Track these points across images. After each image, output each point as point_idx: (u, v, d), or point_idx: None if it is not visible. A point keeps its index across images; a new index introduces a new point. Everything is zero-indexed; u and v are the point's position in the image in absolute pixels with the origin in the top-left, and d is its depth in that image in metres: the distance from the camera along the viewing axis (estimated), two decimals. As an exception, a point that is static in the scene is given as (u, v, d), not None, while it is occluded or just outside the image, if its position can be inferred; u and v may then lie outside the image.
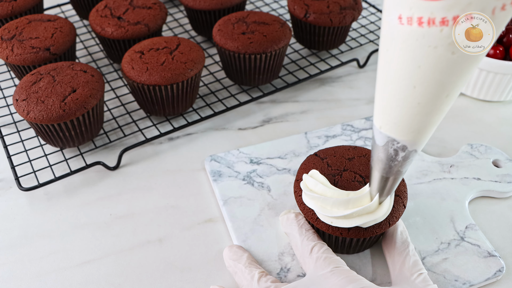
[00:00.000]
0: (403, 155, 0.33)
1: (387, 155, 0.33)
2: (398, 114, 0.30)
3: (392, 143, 0.32)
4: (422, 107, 0.29)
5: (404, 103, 0.30)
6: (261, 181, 0.50)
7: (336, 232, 0.40)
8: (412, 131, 0.31)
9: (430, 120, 0.30)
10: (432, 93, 0.28)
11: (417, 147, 0.32)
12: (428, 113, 0.30)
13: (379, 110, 0.32)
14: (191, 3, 0.65)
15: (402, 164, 0.34)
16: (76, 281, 0.43)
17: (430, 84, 0.28)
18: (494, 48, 0.57)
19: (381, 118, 0.32)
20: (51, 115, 0.48)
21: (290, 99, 0.63)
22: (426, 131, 0.31)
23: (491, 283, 0.42)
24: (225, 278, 0.43)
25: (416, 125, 0.30)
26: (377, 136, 0.33)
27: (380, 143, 0.33)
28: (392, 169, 0.34)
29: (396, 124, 0.31)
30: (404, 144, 0.32)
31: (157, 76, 0.52)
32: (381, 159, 0.34)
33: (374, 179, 0.36)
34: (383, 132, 0.32)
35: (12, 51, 0.55)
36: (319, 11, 0.62)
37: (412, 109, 0.30)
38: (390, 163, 0.34)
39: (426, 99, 0.29)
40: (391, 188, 0.36)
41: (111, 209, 0.49)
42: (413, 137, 0.31)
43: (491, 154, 0.53)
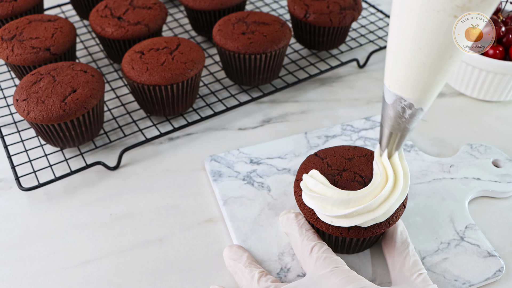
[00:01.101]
0: (410, 113, 0.35)
1: (395, 113, 0.36)
2: (406, 73, 0.33)
3: (400, 101, 0.35)
4: (427, 67, 0.32)
5: (411, 63, 0.32)
6: (261, 181, 0.50)
7: (336, 232, 0.40)
8: (418, 90, 0.33)
9: (435, 80, 0.33)
10: (436, 54, 0.31)
11: (423, 105, 0.35)
12: (432, 72, 0.32)
13: (389, 70, 0.34)
14: (191, 3, 0.65)
15: (409, 121, 0.36)
16: (76, 281, 0.43)
17: (434, 45, 0.30)
18: (494, 48, 0.57)
19: (390, 78, 0.35)
20: (51, 115, 0.48)
21: (290, 99, 0.63)
22: (431, 90, 0.33)
23: (491, 283, 0.42)
24: (225, 278, 0.43)
25: (422, 84, 0.33)
26: (386, 94, 0.36)
27: (389, 101, 0.36)
28: (400, 125, 0.37)
29: (404, 83, 0.34)
30: (410, 102, 0.34)
31: (157, 76, 0.52)
32: (390, 116, 0.37)
33: (384, 136, 0.39)
34: (392, 91, 0.35)
35: (12, 51, 0.55)
36: (319, 11, 0.62)
37: (418, 68, 0.32)
38: (398, 120, 0.36)
39: (430, 59, 0.31)
40: (399, 144, 0.39)
41: (111, 209, 0.49)
42: (419, 95, 0.34)
43: (491, 154, 0.53)
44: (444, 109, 0.61)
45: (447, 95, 0.63)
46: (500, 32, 0.56)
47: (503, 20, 0.58)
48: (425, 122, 0.59)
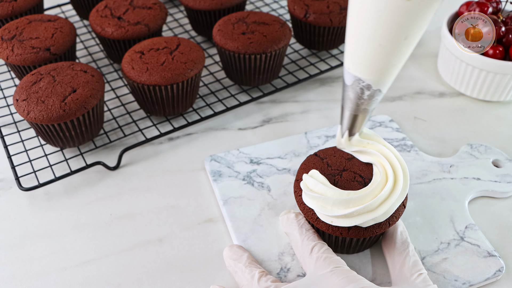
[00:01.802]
0: (368, 94, 0.36)
1: (354, 94, 0.37)
2: (363, 55, 0.34)
3: (358, 82, 0.36)
4: (383, 48, 0.33)
5: (368, 44, 0.33)
6: (261, 181, 0.50)
7: (336, 232, 0.40)
8: (376, 71, 0.34)
9: (391, 61, 0.34)
10: (391, 35, 0.32)
11: (381, 86, 0.36)
12: (388, 53, 0.33)
13: (348, 52, 0.35)
14: (191, 3, 0.65)
15: (368, 102, 0.37)
16: (76, 281, 0.43)
17: (389, 27, 0.31)
18: (494, 48, 0.57)
19: (349, 59, 0.36)
20: (51, 115, 0.48)
21: (290, 99, 0.63)
22: (388, 71, 0.34)
23: (491, 283, 0.42)
24: (225, 278, 0.43)
25: (379, 65, 0.34)
26: (346, 76, 0.37)
27: (348, 82, 0.37)
28: (360, 107, 0.38)
29: (361, 64, 0.35)
30: (369, 83, 0.35)
31: (157, 76, 0.52)
32: (349, 97, 0.37)
33: (344, 117, 0.40)
34: (351, 72, 0.36)
35: (12, 51, 0.55)
36: (319, 11, 0.62)
37: (374, 50, 0.33)
38: (357, 101, 0.37)
39: (386, 40, 0.32)
40: (359, 125, 0.40)
41: (111, 209, 0.49)
42: (376, 76, 0.35)
43: (491, 154, 0.53)
44: (444, 109, 0.61)
45: (447, 95, 0.63)
46: (500, 32, 0.56)
47: (503, 20, 0.58)
48: (425, 122, 0.59)
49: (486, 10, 0.59)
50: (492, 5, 0.60)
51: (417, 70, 0.67)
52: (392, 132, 0.56)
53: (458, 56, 0.59)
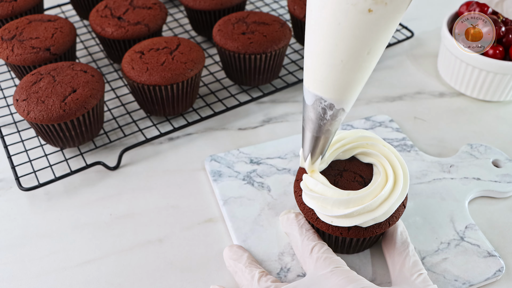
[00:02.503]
0: (331, 114, 0.34)
1: (316, 114, 0.35)
2: (323, 72, 0.32)
3: (320, 102, 0.34)
4: (344, 64, 0.30)
5: (328, 61, 0.31)
6: (261, 181, 0.50)
7: (336, 232, 0.40)
8: (338, 89, 0.32)
9: (354, 78, 0.31)
10: (353, 50, 0.30)
11: (344, 105, 0.34)
12: (351, 70, 0.31)
13: (307, 70, 0.33)
14: (191, 3, 0.65)
15: (331, 123, 0.35)
16: (76, 281, 0.43)
17: (350, 41, 0.29)
18: (494, 48, 0.57)
19: (309, 77, 0.33)
20: (51, 115, 0.48)
21: (290, 99, 0.63)
22: (351, 89, 0.32)
23: (491, 283, 0.42)
24: (225, 278, 0.43)
25: (341, 83, 0.32)
26: (306, 95, 0.34)
27: (309, 102, 0.34)
28: (322, 128, 0.35)
29: (322, 82, 0.32)
30: (331, 102, 0.33)
31: (157, 76, 0.52)
32: (311, 118, 0.35)
33: (306, 140, 0.37)
34: (311, 91, 0.33)
35: (12, 51, 0.55)
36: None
37: (335, 66, 0.31)
38: (319, 122, 0.35)
39: (348, 56, 0.30)
40: (322, 148, 0.37)
41: (111, 209, 0.49)
42: (339, 95, 0.33)
43: (491, 154, 0.53)
44: (444, 109, 0.61)
45: (447, 95, 0.63)
46: (500, 32, 0.56)
47: (503, 20, 0.58)
48: (425, 122, 0.59)
49: (486, 10, 0.59)
50: (492, 5, 0.60)
51: (417, 70, 0.67)
52: (392, 132, 0.56)
53: (458, 56, 0.59)
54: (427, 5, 0.81)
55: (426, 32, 0.75)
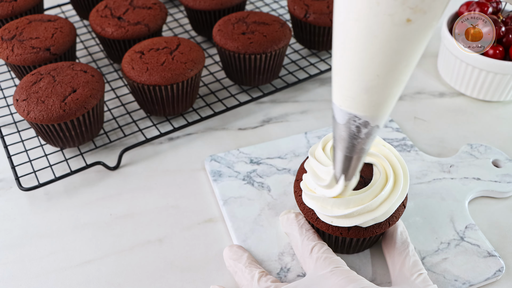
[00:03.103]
0: (366, 132, 0.32)
1: (349, 133, 0.32)
2: (357, 88, 0.29)
3: (353, 120, 0.31)
4: (381, 79, 0.28)
5: (363, 77, 0.29)
6: (261, 181, 0.50)
7: (336, 232, 0.40)
8: (373, 105, 0.30)
9: (390, 92, 0.29)
10: (390, 64, 0.28)
11: (379, 122, 0.31)
12: (387, 85, 0.29)
13: (338, 87, 0.31)
14: (191, 3, 0.65)
15: (365, 142, 0.33)
16: (76, 281, 0.43)
17: (387, 54, 0.27)
18: (494, 48, 0.57)
19: (340, 95, 0.31)
20: (51, 115, 0.48)
21: (290, 99, 0.63)
22: (387, 104, 0.30)
23: (491, 283, 0.42)
24: (225, 278, 0.43)
25: (377, 99, 0.30)
26: (337, 113, 0.32)
27: (341, 121, 0.32)
28: (356, 147, 0.33)
29: (355, 99, 0.30)
30: (366, 120, 0.31)
31: (157, 76, 0.52)
32: (343, 137, 0.33)
33: (337, 160, 0.35)
34: (344, 109, 0.31)
35: (12, 51, 0.55)
36: (319, 11, 0.62)
37: (371, 82, 0.29)
38: (353, 141, 0.33)
39: (385, 70, 0.28)
40: (355, 168, 0.35)
41: (111, 209, 0.49)
42: (374, 111, 0.30)
43: (491, 154, 0.53)
44: (444, 109, 0.61)
45: (447, 95, 0.63)
46: (500, 32, 0.56)
47: (503, 20, 0.58)
48: (425, 122, 0.59)
49: (486, 10, 0.59)
50: (492, 5, 0.60)
51: (417, 70, 0.67)
52: (392, 132, 0.56)
53: (458, 56, 0.59)
54: (427, 5, 0.81)
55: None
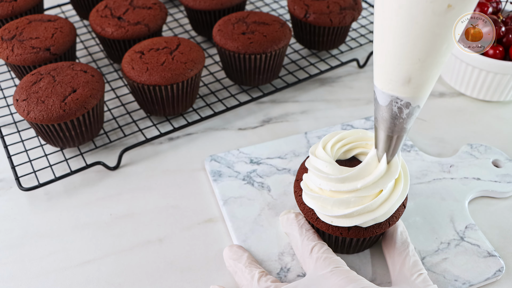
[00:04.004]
0: (407, 112, 0.34)
1: (391, 114, 0.34)
2: (400, 72, 0.31)
3: (395, 102, 0.33)
4: (422, 62, 0.30)
5: (405, 61, 0.30)
6: (261, 181, 0.50)
7: (336, 232, 0.40)
8: (415, 87, 0.32)
9: (431, 74, 0.31)
10: (432, 48, 0.29)
11: (420, 102, 0.33)
12: (429, 67, 0.30)
13: (380, 71, 0.33)
14: (191, 3, 0.65)
15: (407, 121, 0.34)
16: (76, 281, 0.43)
17: (429, 39, 0.29)
18: (494, 48, 0.57)
19: (383, 78, 0.33)
20: (51, 115, 0.48)
21: (290, 99, 0.63)
22: (428, 85, 0.32)
23: (491, 283, 0.42)
24: (225, 278, 0.43)
25: (418, 81, 0.31)
26: (379, 96, 0.34)
27: (383, 103, 0.34)
28: (397, 126, 0.35)
29: (398, 82, 0.32)
30: (407, 101, 0.33)
31: (157, 76, 0.52)
32: (385, 118, 0.35)
33: (380, 140, 0.37)
34: (386, 92, 0.33)
35: (12, 51, 0.55)
36: (319, 11, 0.62)
37: (413, 65, 0.30)
38: (394, 121, 0.34)
39: (426, 54, 0.29)
40: (397, 146, 0.37)
41: (111, 209, 0.49)
42: (416, 93, 0.32)
43: (491, 154, 0.53)
44: (444, 109, 0.61)
45: (447, 95, 0.63)
46: (500, 32, 0.56)
47: (503, 20, 0.58)
48: (425, 122, 0.59)
49: (486, 10, 0.59)
50: (492, 5, 0.60)
51: (417, 70, 0.67)
52: (392, 132, 0.56)
53: (458, 56, 0.59)
54: (427, 5, 0.81)
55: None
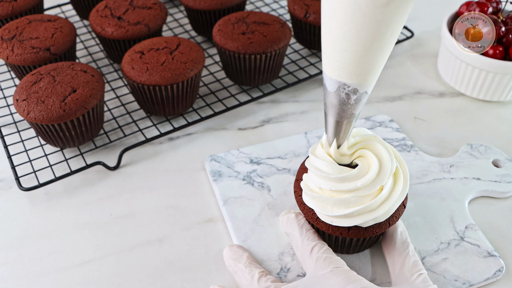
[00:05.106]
0: (355, 98, 0.34)
1: (339, 100, 0.34)
2: (346, 58, 0.31)
3: (343, 88, 0.33)
4: (367, 49, 0.30)
5: (351, 47, 0.31)
6: (261, 181, 0.50)
7: (336, 232, 0.40)
8: (361, 73, 0.32)
9: (377, 61, 0.32)
10: (376, 35, 0.30)
11: (367, 88, 0.34)
12: (374, 54, 0.31)
13: (327, 57, 0.33)
14: (191, 3, 0.65)
15: (355, 107, 0.35)
16: (76, 281, 0.43)
17: (373, 26, 0.29)
18: (494, 48, 0.57)
19: (330, 64, 0.33)
20: (51, 115, 0.48)
21: (290, 99, 0.63)
22: (374, 71, 0.32)
23: (491, 283, 0.42)
24: (225, 278, 0.43)
25: (365, 67, 0.32)
26: (327, 82, 0.34)
27: (331, 89, 0.34)
28: (346, 112, 0.35)
29: (345, 69, 0.32)
30: (354, 87, 0.33)
31: (157, 76, 0.52)
32: (334, 104, 0.35)
33: (329, 125, 0.37)
34: (334, 78, 0.33)
35: (12, 51, 0.55)
36: (319, 11, 0.62)
37: (358, 52, 0.31)
38: (343, 107, 0.35)
39: (371, 41, 0.30)
40: (346, 131, 0.37)
41: (111, 209, 0.49)
42: (363, 79, 0.33)
43: (491, 154, 0.53)
44: (444, 109, 0.61)
45: (447, 95, 0.63)
46: (500, 32, 0.56)
47: (503, 20, 0.58)
48: (425, 122, 0.59)
49: (486, 10, 0.59)
50: (492, 5, 0.60)
51: (417, 70, 0.67)
52: (392, 132, 0.56)
53: (458, 56, 0.59)
54: (427, 5, 0.81)
55: (426, 32, 0.75)
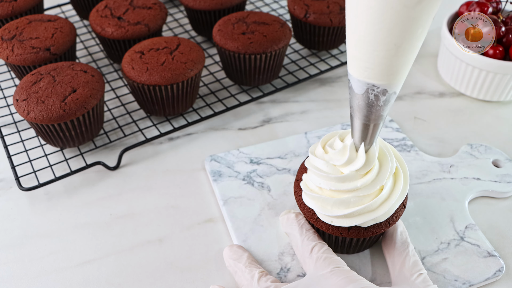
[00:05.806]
0: (384, 99, 0.33)
1: (367, 102, 0.33)
2: (376, 58, 0.31)
3: (372, 89, 0.32)
4: (398, 48, 0.30)
5: (381, 47, 0.30)
6: (261, 181, 0.50)
7: (336, 232, 0.40)
8: (391, 73, 0.31)
9: (407, 59, 0.31)
10: (407, 32, 0.29)
11: (396, 88, 0.33)
12: (405, 52, 0.30)
13: (355, 59, 0.32)
14: (191, 3, 0.65)
15: (383, 108, 0.34)
16: (76, 281, 0.43)
17: (405, 24, 0.28)
18: (494, 48, 0.57)
19: (358, 66, 0.32)
20: (51, 115, 0.48)
21: (290, 99, 0.63)
22: (404, 70, 0.32)
23: (491, 283, 0.42)
24: (225, 278, 0.43)
25: (395, 67, 0.31)
26: (355, 84, 0.33)
27: (359, 91, 0.33)
28: (374, 114, 0.34)
29: (375, 69, 0.31)
30: (384, 88, 0.32)
31: (157, 76, 0.52)
32: (361, 106, 0.34)
33: (356, 129, 0.36)
34: (362, 80, 0.32)
35: (12, 51, 0.55)
36: (319, 11, 0.62)
37: (389, 51, 0.30)
38: (371, 109, 0.34)
39: (402, 39, 0.29)
40: (374, 134, 0.36)
41: (111, 209, 0.49)
42: (392, 78, 0.32)
43: (491, 154, 0.53)
44: (444, 109, 0.61)
45: (447, 95, 0.63)
46: (500, 32, 0.56)
47: (503, 20, 0.58)
48: (425, 122, 0.59)
49: (486, 10, 0.59)
50: (492, 5, 0.60)
51: (417, 70, 0.67)
52: (392, 132, 0.56)
53: (458, 56, 0.59)
54: (427, 5, 0.81)
55: (426, 32, 0.75)
